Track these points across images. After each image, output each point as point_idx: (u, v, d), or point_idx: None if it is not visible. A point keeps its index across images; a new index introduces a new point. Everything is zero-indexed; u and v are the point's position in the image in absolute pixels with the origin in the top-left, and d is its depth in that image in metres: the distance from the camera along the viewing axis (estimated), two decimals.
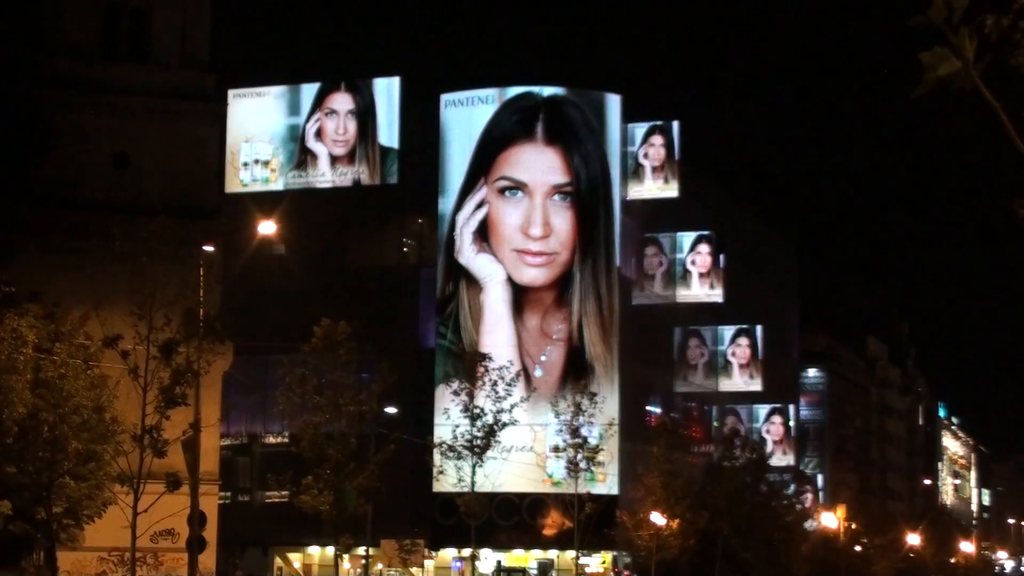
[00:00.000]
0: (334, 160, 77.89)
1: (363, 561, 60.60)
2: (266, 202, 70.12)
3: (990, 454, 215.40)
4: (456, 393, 51.00)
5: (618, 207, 77.84)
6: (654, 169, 79.83)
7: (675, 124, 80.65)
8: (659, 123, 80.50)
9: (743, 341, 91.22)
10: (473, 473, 49.48)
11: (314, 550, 78.52)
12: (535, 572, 77.88)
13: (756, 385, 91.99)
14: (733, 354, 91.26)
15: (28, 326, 35.64)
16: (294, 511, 47.04)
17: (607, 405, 67.52)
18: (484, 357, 52.79)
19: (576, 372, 72.81)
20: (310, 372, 44.67)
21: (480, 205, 75.84)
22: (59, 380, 35.93)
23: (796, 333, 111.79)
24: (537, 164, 75.89)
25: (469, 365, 52.16)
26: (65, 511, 37.24)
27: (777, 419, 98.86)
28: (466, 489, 50.26)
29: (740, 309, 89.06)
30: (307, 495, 43.66)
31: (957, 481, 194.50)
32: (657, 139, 79.96)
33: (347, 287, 76.12)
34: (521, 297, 75.52)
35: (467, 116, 77.70)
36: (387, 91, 77.74)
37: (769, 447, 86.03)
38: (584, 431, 54.71)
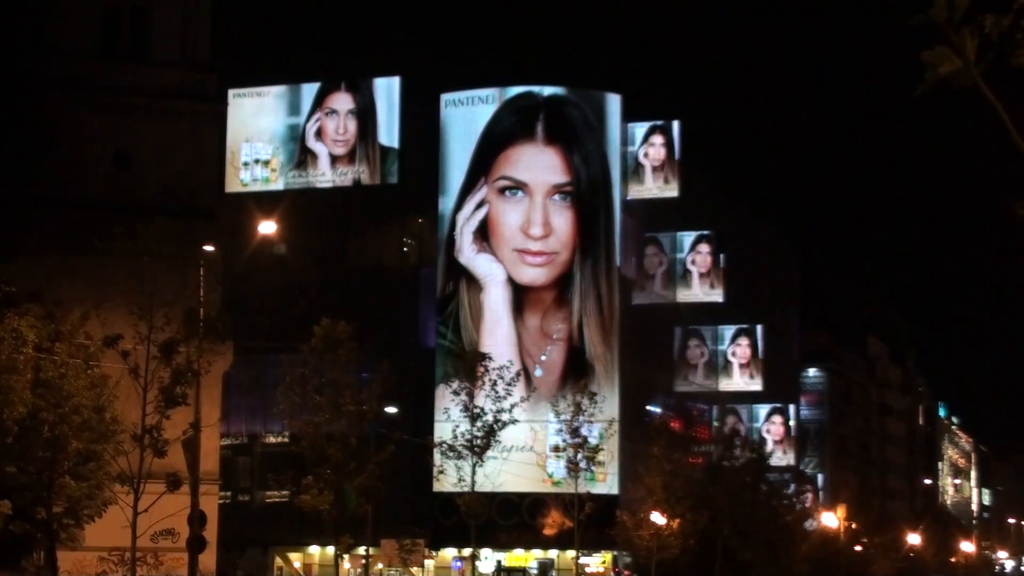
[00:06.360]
0: (334, 160, 77.97)
1: (363, 561, 60.59)
2: (266, 202, 70.12)
3: (990, 454, 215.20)
4: (456, 393, 50.96)
5: (618, 207, 77.85)
6: (654, 169, 79.85)
7: (675, 124, 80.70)
8: (659, 123, 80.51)
9: (743, 341, 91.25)
10: (473, 473, 49.45)
11: (314, 550, 78.50)
12: (535, 572, 77.86)
13: (756, 385, 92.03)
14: (733, 354, 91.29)
15: (28, 326, 35.53)
16: (294, 511, 47.10)
17: (607, 405, 67.49)
18: (484, 357, 52.75)
19: (576, 372, 72.82)
20: (310, 372, 44.69)
21: (480, 205, 75.84)
22: (59, 380, 35.84)
23: (796, 333, 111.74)
24: (537, 164, 75.89)
25: (469, 365, 52.11)
26: (65, 511, 37.14)
27: (777, 419, 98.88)
28: (466, 489, 50.22)
29: (740, 309, 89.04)
30: (307, 495, 43.64)
31: (957, 481, 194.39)
32: (657, 139, 79.99)
33: (347, 287, 76.14)
34: (521, 297, 75.52)
35: (467, 116, 77.68)
36: (387, 91, 77.82)
37: (769, 447, 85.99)
38: (584, 431, 54.63)
